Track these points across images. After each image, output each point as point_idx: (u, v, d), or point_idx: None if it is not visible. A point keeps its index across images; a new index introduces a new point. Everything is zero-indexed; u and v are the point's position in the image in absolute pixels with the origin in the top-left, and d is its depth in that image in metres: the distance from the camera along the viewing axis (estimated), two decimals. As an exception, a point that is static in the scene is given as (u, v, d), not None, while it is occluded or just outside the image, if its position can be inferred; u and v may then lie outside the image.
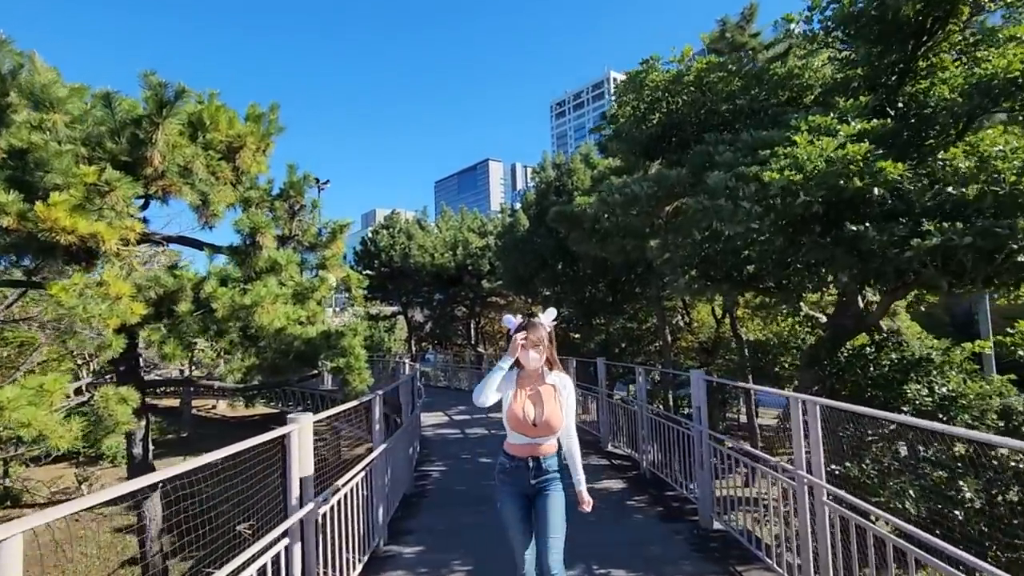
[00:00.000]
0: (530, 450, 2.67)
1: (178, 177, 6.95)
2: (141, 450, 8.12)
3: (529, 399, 2.67)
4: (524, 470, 2.66)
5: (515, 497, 2.69)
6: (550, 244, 17.98)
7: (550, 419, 2.63)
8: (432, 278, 26.19)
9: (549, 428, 2.63)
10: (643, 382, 6.38)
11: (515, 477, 2.69)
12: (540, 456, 2.67)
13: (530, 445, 2.67)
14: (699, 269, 8.04)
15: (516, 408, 2.64)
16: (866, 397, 6.01)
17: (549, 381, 2.73)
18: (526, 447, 2.68)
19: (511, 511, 2.67)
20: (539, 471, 2.66)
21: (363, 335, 9.34)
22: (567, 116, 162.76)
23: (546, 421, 2.62)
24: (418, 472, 6.98)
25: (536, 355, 2.66)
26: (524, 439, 2.66)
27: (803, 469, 3.01)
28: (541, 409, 2.63)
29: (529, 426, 2.62)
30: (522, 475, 2.67)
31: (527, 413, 2.62)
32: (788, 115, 5.03)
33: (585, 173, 17.24)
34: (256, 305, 6.84)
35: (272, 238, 7.17)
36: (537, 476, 2.66)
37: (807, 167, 4.11)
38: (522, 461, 2.67)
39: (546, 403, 2.65)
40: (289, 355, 7.55)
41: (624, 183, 5.88)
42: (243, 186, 8.09)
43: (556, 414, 2.64)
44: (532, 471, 2.66)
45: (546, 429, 2.63)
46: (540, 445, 2.67)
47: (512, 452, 2.72)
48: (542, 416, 2.62)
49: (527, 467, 2.66)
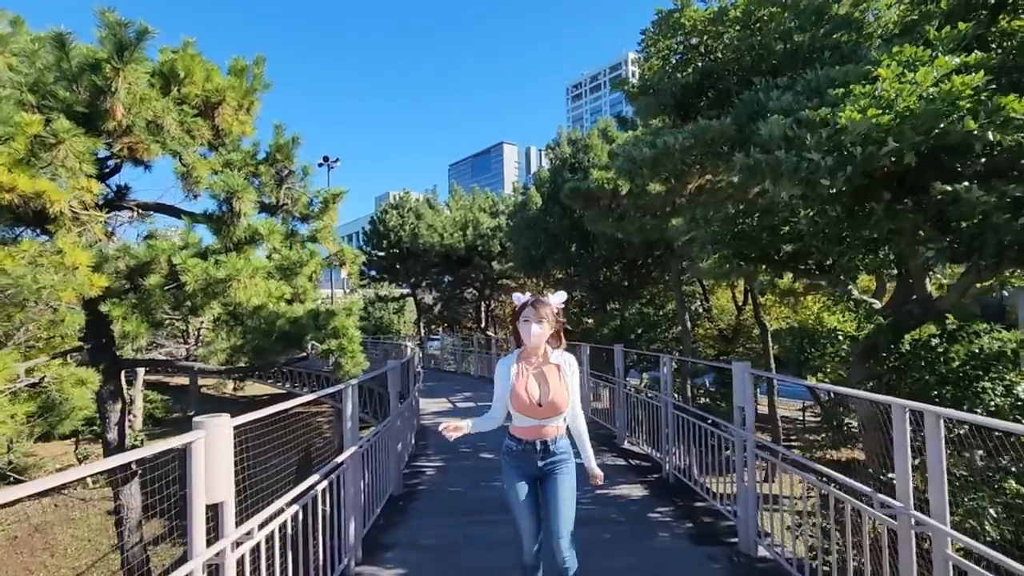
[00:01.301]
0: (536, 432, 2.58)
1: (146, 134, 6.17)
2: (116, 435, 7.49)
3: (533, 379, 2.57)
4: (532, 453, 2.58)
5: (522, 479, 2.60)
6: (564, 224, 17.05)
7: (556, 399, 2.54)
8: (441, 259, 25.42)
9: (555, 409, 2.55)
10: (668, 373, 5.53)
11: (522, 460, 2.61)
12: (547, 438, 2.59)
13: (536, 427, 2.58)
14: (731, 247, 7.14)
15: (520, 390, 2.55)
16: (932, 396, 5.12)
17: (553, 360, 2.62)
18: (532, 429, 2.58)
19: (517, 494, 2.58)
20: (547, 453, 2.58)
21: (358, 315, 8.59)
22: (584, 99, 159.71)
23: (552, 401, 2.53)
24: (410, 468, 6.24)
25: (539, 330, 2.54)
26: (530, 421, 2.57)
27: (912, 506, 2.17)
28: (547, 389, 2.55)
29: (535, 407, 2.53)
30: (530, 458, 2.59)
31: (532, 394, 2.54)
32: (862, 51, 4.09)
33: (602, 148, 16.22)
34: (231, 279, 6.09)
35: (251, 204, 6.38)
36: (545, 459, 2.58)
37: (898, 106, 3.21)
38: (529, 444, 2.58)
39: (551, 383, 2.56)
40: (271, 335, 6.82)
41: (655, 131, 4.97)
42: (225, 148, 7.31)
43: (561, 394, 2.56)
44: (540, 454, 2.58)
45: (552, 410, 2.54)
46: (546, 427, 2.58)
47: (518, 435, 2.62)
48: (548, 396, 2.53)
49: (535, 450, 2.58)
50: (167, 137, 6.35)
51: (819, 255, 5.77)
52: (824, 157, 3.39)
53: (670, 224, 12.17)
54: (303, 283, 7.92)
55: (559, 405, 2.54)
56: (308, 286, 8.07)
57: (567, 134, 18.60)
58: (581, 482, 2.69)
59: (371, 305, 37.86)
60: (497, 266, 24.61)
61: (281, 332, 6.85)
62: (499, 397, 2.67)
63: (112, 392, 7.43)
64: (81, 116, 5.81)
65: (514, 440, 2.63)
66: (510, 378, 2.59)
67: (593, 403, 9.20)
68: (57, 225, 5.57)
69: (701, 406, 19.48)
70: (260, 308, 6.54)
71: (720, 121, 4.30)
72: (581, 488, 2.72)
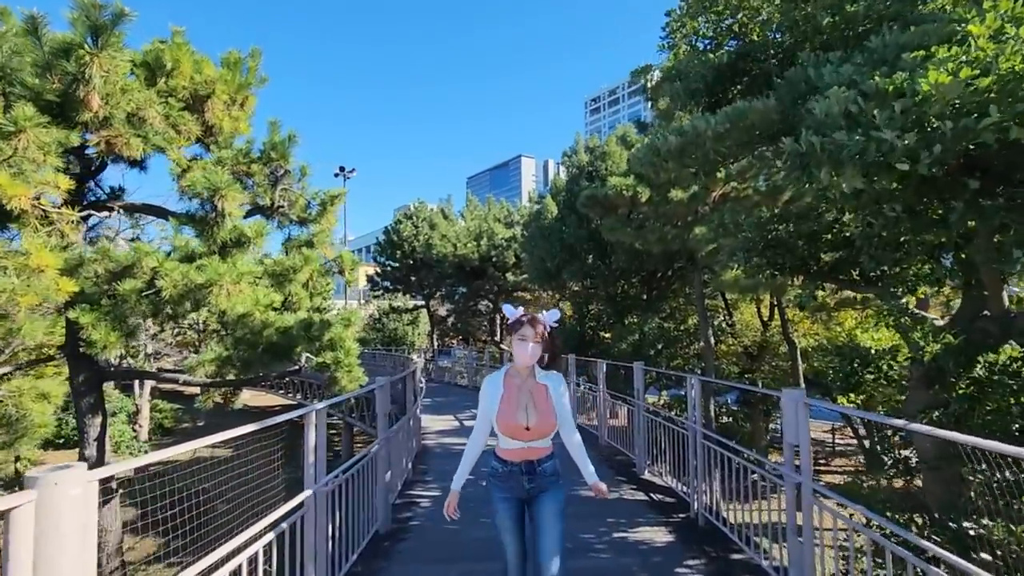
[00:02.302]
0: (524, 454, 2.52)
1: (126, 127, 5.71)
2: (95, 451, 6.98)
3: (521, 400, 2.51)
4: (518, 475, 2.51)
5: (509, 502, 2.55)
6: (580, 233, 16.40)
7: (543, 421, 2.49)
8: (455, 269, 24.90)
9: (542, 431, 2.50)
10: (697, 396, 4.82)
11: (509, 481, 2.54)
12: (535, 460, 2.52)
13: (523, 449, 2.51)
14: (764, 256, 6.43)
15: (508, 412, 2.50)
16: (1014, 431, 4.32)
17: (541, 380, 2.57)
18: (519, 451, 2.52)
19: (504, 517, 2.54)
20: (533, 475, 2.51)
21: (357, 325, 8.03)
22: (602, 112, 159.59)
23: (540, 423, 2.48)
24: (404, 498, 5.58)
25: (534, 350, 2.48)
26: (517, 444, 2.51)
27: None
28: (535, 411, 2.49)
29: (523, 430, 2.48)
30: (516, 480, 2.52)
31: (519, 417, 2.48)
32: (939, 16, 3.41)
33: (621, 155, 15.60)
34: (212, 284, 5.56)
35: (238, 204, 5.87)
36: (532, 481, 2.51)
37: (1001, 67, 2.53)
38: (515, 466, 2.52)
39: (539, 404, 2.50)
40: (258, 347, 6.26)
41: (681, 124, 4.31)
42: (217, 146, 6.84)
43: (548, 416, 2.50)
44: (526, 476, 2.51)
45: (539, 432, 2.49)
46: (533, 448, 2.51)
47: (505, 457, 2.55)
48: (535, 419, 2.48)
49: (521, 472, 2.51)
50: (150, 131, 5.89)
51: (870, 263, 5.03)
52: (901, 135, 2.71)
53: (693, 233, 11.46)
54: (297, 291, 7.39)
55: (547, 427, 2.50)
56: (303, 294, 7.53)
57: (584, 142, 18.02)
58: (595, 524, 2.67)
59: (385, 316, 37.58)
60: (512, 277, 24.01)
61: (269, 343, 6.29)
62: (483, 416, 2.59)
63: (92, 405, 6.93)
64: (55, 107, 5.38)
65: (500, 462, 2.56)
66: (497, 398, 2.53)
67: (610, 421, 8.47)
68: (21, 224, 5.11)
69: (722, 427, 18.49)
70: (245, 317, 6.00)
71: (763, 100, 3.64)
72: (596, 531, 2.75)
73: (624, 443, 7.59)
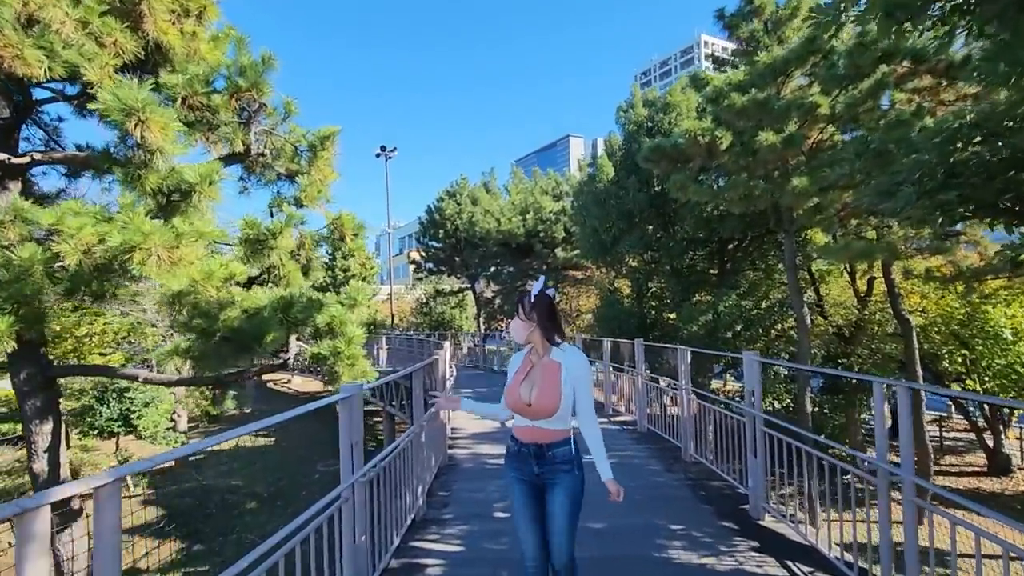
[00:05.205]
0: (531, 434, 2.41)
1: (18, 33, 4.13)
2: (46, 465, 5.64)
3: (527, 377, 2.42)
4: (528, 456, 2.42)
5: (522, 485, 2.44)
6: (640, 198, 14.16)
7: (542, 398, 2.33)
8: (500, 247, 23.10)
9: (543, 410, 2.34)
10: (757, 377, 2.83)
11: (520, 462, 2.45)
12: (544, 443, 2.39)
13: (531, 428, 2.41)
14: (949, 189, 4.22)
15: (514, 386, 2.43)
16: None
17: (554, 358, 2.40)
18: (528, 430, 2.42)
19: (517, 500, 2.44)
20: (543, 459, 2.39)
21: (365, 305, 6.32)
22: (653, 85, 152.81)
23: (537, 401, 2.34)
24: (406, 551, 3.82)
25: (518, 325, 2.45)
26: (525, 421, 2.42)
27: None
28: (535, 388, 2.36)
29: (524, 406, 2.37)
30: (526, 461, 2.42)
31: (521, 392, 2.39)
32: None
33: (690, 101, 13.18)
34: (134, 249, 3.92)
35: (170, 136, 4.19)
36: (541, 466, 2.39)
37: None
38: (525, 447, 2.43)
39: (542, 381, 2.36)
40: (212, 335, 4.63)
41: None
42: (164, 70, 5.22)
43: (549, 394, 2.33)
44: (535, 458, 2.39)
45: (540, 411, 2.35)
46: (540, 429, 2.39)
47: (517, 435, 2.47)
48: (535, 395, 2.35)
49: (530, 453, 2.41)
50: (56, 41, 4.29)
51: None
52: None
53: (791, 185, 9.07)
54: (283, 262, 5.73)
55: (546, 406, 2.33)
56: (291, 266, 5.87)
57: (643, 94, 15.62)
58: None
59: (432, 300, 36.43)
60: (561, 254, 21.98)
61: (229, 328, 4.64)
62: None
63: (39, 409, 5.57)
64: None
65: (514, 441, 2.49)
66: (513, 373, 2.48)
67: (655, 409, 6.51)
68: None
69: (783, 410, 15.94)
70: (185, 294, 4.35)
71: None
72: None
73: (722, 461, 5.48)
